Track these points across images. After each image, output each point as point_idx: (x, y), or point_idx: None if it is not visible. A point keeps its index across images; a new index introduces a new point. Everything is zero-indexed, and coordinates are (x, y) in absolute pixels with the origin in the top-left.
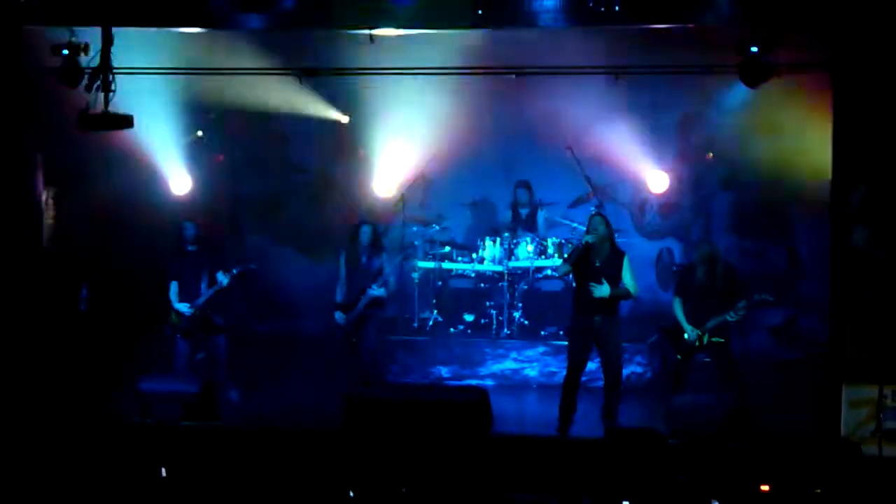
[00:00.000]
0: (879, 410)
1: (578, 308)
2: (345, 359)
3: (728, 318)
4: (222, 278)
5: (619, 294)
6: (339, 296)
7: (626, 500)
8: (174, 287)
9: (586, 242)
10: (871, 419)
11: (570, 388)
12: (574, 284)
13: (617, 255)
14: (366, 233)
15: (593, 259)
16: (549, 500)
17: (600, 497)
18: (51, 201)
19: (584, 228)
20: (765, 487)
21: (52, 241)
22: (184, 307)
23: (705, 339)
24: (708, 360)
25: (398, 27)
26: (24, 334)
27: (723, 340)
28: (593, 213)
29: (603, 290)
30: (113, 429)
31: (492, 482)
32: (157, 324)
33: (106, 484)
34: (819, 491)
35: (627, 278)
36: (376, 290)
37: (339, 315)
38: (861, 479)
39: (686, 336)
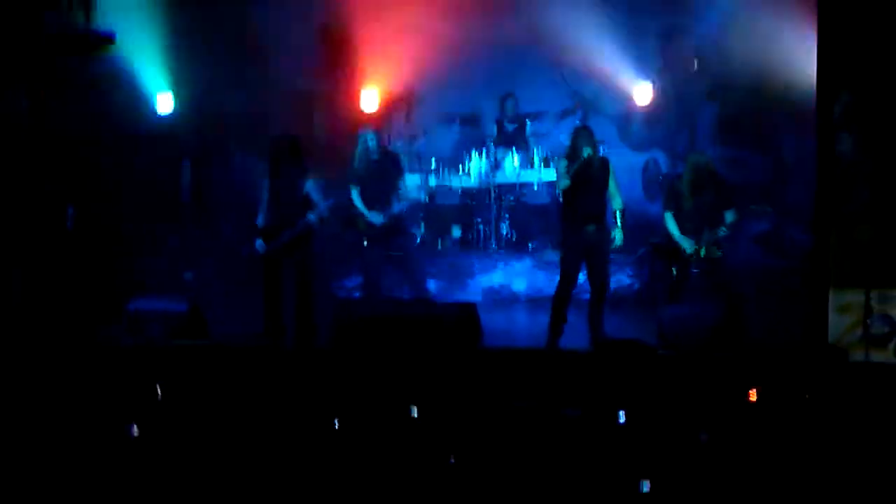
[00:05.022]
0: (866, 315)
1: (570, 219)
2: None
3: (720, 233)
4: (418, 193)
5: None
6: (261, 220)
7: (621, 411)
8: (356, 192)
9: (589, 156)
10: (858, 324)
11: (562, 301)
12: (561, 198)
13: (602, 164)
14: (284, 153)
15: (588, 171)
16: (540, 413)
17: (590, 408)
18: (33, 120)
19: (570, 142)
20: (753, 395)
21: (35, 160)
22: (377, 217)
23: (702, 253)
24: (703, 272)
25: None
26: (10, 254)
27: (720, 254)
28: (579, 126)
29: (619, 236)
30: (100, 351)
31: (482, 396)
32: (146, 243)
33: (94, 406)
34: (807, 397)
35: (613, 187)
36: (306, 221)
37: (259, 243)
38: (848, 384)
39: (684, 251)
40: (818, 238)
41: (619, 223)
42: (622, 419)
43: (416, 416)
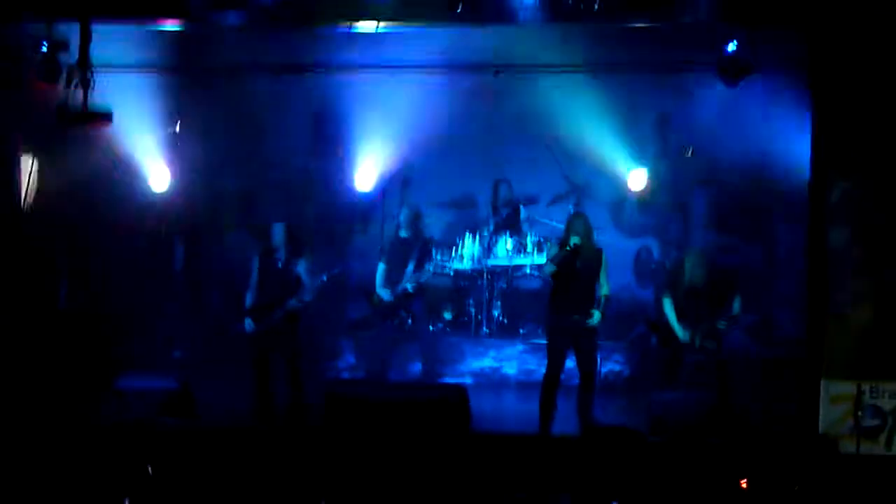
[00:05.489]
0: (857, 407)
1: (557, 307)
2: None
3: (720, 325)
4: (428, 269)
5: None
6: (249, 301)
7: (614, 501)
8: (381, 269)
9: (575, 245)
10: (849, 415)
11: (551, 387)
12: (551, 283)
13: (595, 254)
14: (278, 232)
15: (575, 260)
16: (530, 500)
17: (581, 495)
18: (30, 197)
19: (563, 227)
20: (744, 484)
21: (30, 237)
22: (385, 293)
23: (697, 342)
24: (697, 359)
25: (377, 21)
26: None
27: (715, 345)
28: (574, 213)
29: (596, 317)
30: (90, 429)
31: (472, 481)
32: (137, 321)
33: (84, 485)
34: (797, 487)
35: (603, 278)
36: (293, 304)
37: (248, 323)
38: (837, 476)
39: (679, 338)
40: (811, 328)
41: (600, 307)
42: None
43: (405, 498)
